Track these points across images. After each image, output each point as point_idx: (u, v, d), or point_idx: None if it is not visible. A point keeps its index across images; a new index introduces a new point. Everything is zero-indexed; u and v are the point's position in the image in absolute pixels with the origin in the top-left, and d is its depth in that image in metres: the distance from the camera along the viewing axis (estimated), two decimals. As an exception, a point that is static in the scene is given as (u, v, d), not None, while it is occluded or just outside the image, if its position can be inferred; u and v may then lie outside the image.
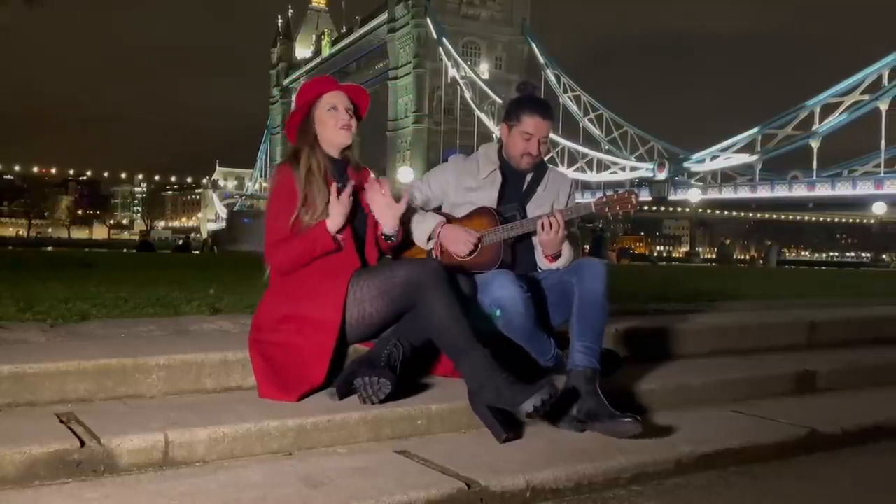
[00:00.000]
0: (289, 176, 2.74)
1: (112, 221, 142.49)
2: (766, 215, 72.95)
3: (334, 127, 2.78)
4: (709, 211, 71.49)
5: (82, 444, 2.07)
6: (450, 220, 3.05)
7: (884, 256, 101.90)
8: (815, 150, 52.17)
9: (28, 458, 2.00)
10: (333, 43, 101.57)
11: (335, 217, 2.70)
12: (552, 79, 73.58)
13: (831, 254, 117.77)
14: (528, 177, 3.13)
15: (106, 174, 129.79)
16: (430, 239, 3.00)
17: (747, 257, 76.90)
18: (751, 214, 77.00)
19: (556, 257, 3.00)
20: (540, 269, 3.08)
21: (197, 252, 28.98)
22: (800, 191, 53.38)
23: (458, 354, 2.55)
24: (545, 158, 3.19)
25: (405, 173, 69.21)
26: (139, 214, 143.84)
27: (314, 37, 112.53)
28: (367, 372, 2.53)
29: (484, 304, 2.85)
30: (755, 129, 55.92)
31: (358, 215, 2.80)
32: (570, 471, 2.28)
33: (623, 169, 63.67)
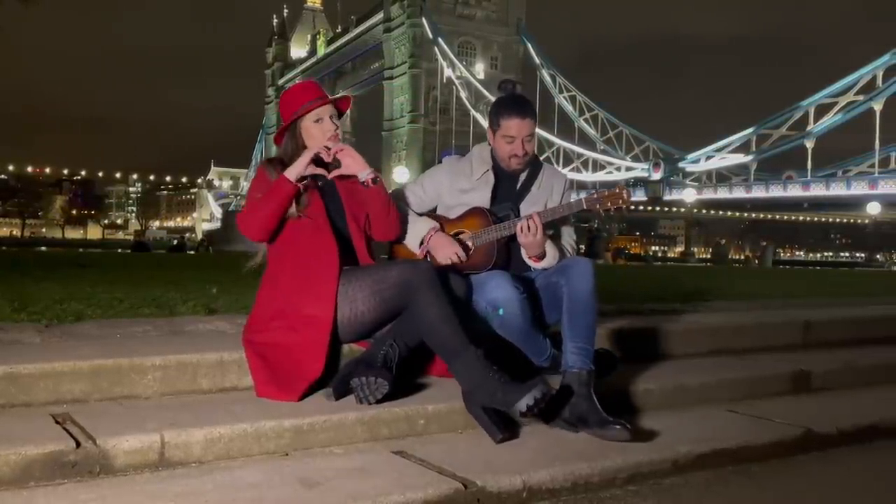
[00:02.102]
0: (264, 176, 2.81)
1: (106, 221, 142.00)
2: (762, 215, 73.20)
3: (321, 139, 2.83)
4: (704, 211, 71.68)
5: (78, 444, 2.06)
6: (443, 223, 3.05)
7: (878, 256, 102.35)
8: (810, 151, 52.32)
9: (23, 459, 1.99)
10: (329, 43, 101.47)
11: (291, 168, 2.73)
12: (547, 79, 73.62)
13: (826, 254, 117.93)
14: (523, 176, 3.12)
15: (100, 174, 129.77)
16: (421, 244, 3.01)
17: (742, 257, 77.06)
18: (746, 214, 77.23)
19: (540, 258, 2.99)
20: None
21: (192, 252, 28.94)
22: (795, 191, 53.54)
23: (450, 355, 2.56)
24: (541, 158, 3.19)
25: (401, 173, 69.19)
26: (134, 214, 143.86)
27: (309, 36, 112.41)
28: (364, 372, 2.53)
29: (479, 305, 2.85)
30: (750, 130, 56.04)
31: (334, 207, 2.82)
32: (567, 471, 2.28)
33: (618, 169, 63.76)
